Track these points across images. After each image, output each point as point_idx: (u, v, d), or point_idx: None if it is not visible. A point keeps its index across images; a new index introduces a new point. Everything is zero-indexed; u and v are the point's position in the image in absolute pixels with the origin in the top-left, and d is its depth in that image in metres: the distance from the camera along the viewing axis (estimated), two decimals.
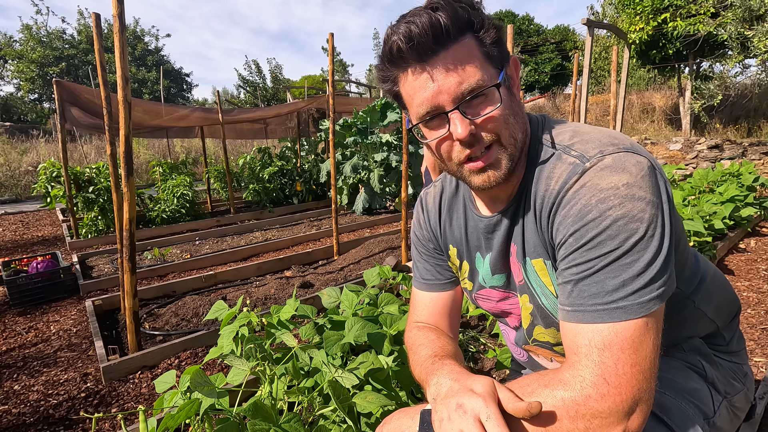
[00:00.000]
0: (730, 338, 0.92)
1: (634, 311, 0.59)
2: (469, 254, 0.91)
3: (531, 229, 0.75)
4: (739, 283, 2.98)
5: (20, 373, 2.28)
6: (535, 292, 0.80)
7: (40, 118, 21.72)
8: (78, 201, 5.32)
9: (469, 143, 0.69)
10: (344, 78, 26.35)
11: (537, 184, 0.72)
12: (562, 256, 0.67)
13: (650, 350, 0.59)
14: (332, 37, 3.53)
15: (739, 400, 0.88)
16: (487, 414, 0.57)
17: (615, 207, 0.60)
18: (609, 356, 0.58)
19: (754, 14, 7.13)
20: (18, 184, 10.21)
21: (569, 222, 0.64)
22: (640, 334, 0.59)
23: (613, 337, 0.59)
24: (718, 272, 0.93)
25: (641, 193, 0.60)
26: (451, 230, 0.93)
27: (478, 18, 0.66)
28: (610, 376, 0.57)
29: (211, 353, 1.45)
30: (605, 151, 0.64)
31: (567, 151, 0.69)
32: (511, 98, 0.70)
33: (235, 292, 3.29)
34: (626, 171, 0.62)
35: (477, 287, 0.93)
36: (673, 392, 0.79)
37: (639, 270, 0.59)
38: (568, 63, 19.65)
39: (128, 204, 2.09)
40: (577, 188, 0.64)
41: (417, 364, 0.84)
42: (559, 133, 0.73)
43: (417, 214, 1.02)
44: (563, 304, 0.66)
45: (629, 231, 0.60)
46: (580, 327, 0.62)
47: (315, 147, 8.19)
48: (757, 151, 6.94)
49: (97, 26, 2.55)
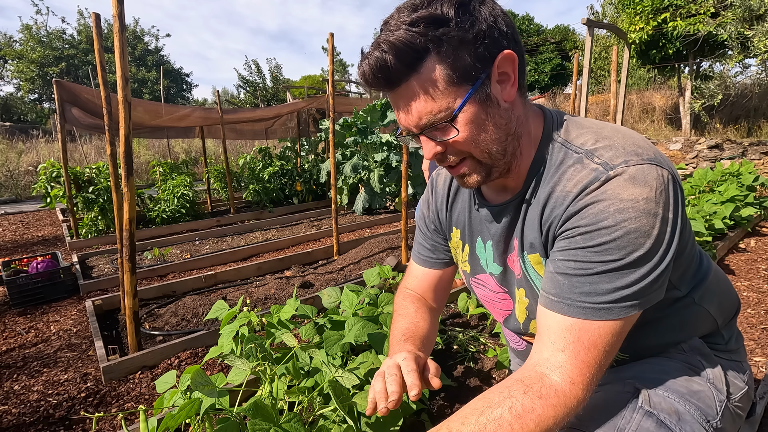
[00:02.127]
0: (729, 337, 0.92)
1: (615, 313, 0.64)
2: (471, 238, 0.93)
3: (532, 225, 0.76)
4: (739, 283, 2.98)
5: (20, 373, 2.28)
6: (534, 285, 0.80)
7: (40, 118, 21.72)
8: (78, 201, 5.32)
9: (440, 160, 0.74)
10: (344, 78, 26.35)
11: (550, 183, 0.71)
12: (563, 247, 0.68)
13: (615, 346, 0.67)
14: (332, 37, 3.53)
15: (741, 399, 0.88)
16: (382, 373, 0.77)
17: (631, 220, 0.62)
18: (581, 348, 0.65)
19: (754, 14, 7.13)
20: (18, 184, 10.21)
21: (583, 222, 0.65)
22: (614, 333, 0.65)
23: (591, 332, 0.65)
24: (719, 269, 0.93)
25: (657, 209, 0.62)
26: (457, 212, 0.96)
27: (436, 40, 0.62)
28: (584, 366, 0.65)
29: (211, 353, 1.45)
30: (630, 161, 0.64)
31: (590, 156, 0.68)
32: (487, 110, 0.67)
33: (235, 292, 3.29)
34: (647, 185, 0.63)
35: (476, 271, 0.95)
36: (676, 395, 0.78)
37: (633, 281, 0.64)
38: (568, 63, 19.64)
39: (128, 204, 2.09)
40: (598, 194, 0.64)
41: (391, 331, 0.98)
42: (580, 135, 0.72)
43: (426, 193, 1.06)
44: (548, 292, 0.69)
45: (637, 245, 0.62)
46: (560, 317, 0.67)
47: (315, 147, 8.19)
48: (757, 150, 6.93)
49: (97, 26, 2.55)
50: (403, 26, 0.62)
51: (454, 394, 1.82)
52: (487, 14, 0.65)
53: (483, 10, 0.64)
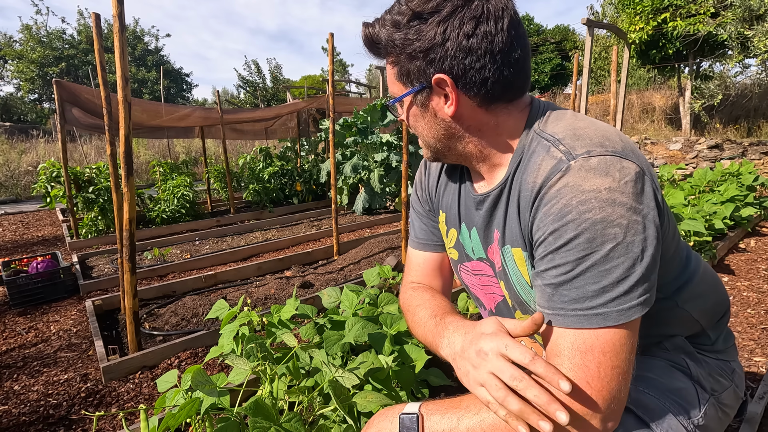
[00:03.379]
0: (717, 337, 0.91)
1: (614, 318, 0.60)
2: (458, 223, 0.92)
3: (513, 218, 0.75)
4: (739, 282, 2.98)
5: (20, 373, 2.28)
6: (511, 279, 0.80)
7: (40, 118, 21.72)
8: (78, 201, 5.32)
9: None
10: (344, 78, 26.35)
11: (523, 173, 0.72)
12: (541, 254, 0.67)
13: (629, 352, 0.62)
14: (332, 37, 3.53)
15: (727, 396, 0.87)
16: (505, 344, 0.61)
17: (594, 210, 0.60)
18: (591, 359, 0.60)
19: (754, 14, 7.13)
20: (18, 184, 10.20)
21: (549, 220, 0.64)
22: (620, 339, 0.61)
23: (594, 341, 0.61)
24: (708, 271, 0.91)
25: (622, 198, 0.60)
26: (445, 195, 0.95)
27: (391, 42, 0.72)
28: (593, 379, 0.60)
29: (211, 353, 1.45)
30: (593, 151, 0.64)
31: (556, 144, 0.68)
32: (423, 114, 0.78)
33: (236, 292, 3.29)
34: (609, 175, 0.61)
35: (463, 258, 0.94)
36: (657, 392, 0.78)
37: (618, 277, 0.60)
38: (568, 63, 19.64)
39: (128, 204, 2.09)
40: (560, 186, 0.64)
41: (418, 325, 0.89)
42: (556, 124, 0.73)
43: (419, 174, 1.06)
44: (543, 306, 0.67)
45: (606, 236, 0.60)
46: (561, 330, 0.64)
47: (315, 147, 8.19)
48: (757, 150, 6.94)
49: (97, 26, 2.55)
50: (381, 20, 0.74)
51: (453, 394, 1.82)
52: (435, 34, 0.67)
53: (430, 31, 0.68)
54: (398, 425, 0.69)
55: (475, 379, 0.63)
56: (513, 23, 0.68)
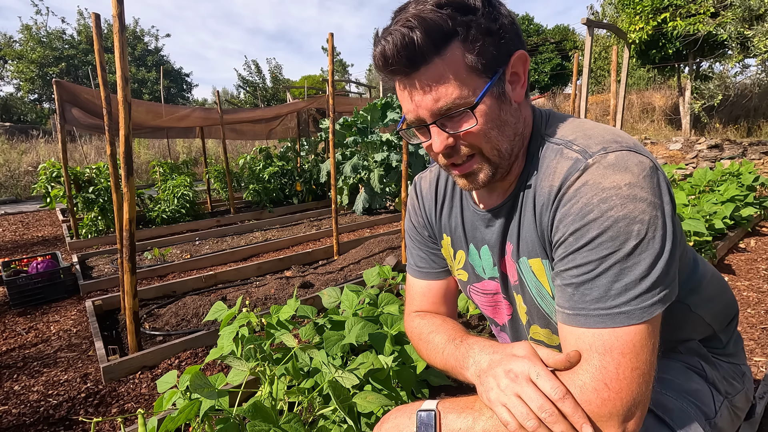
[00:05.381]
0: (728, 341, 0.91)
1: (637, 316, 0.59)
2: (465, 244, 0.89)
3: (529, 227, 0.74)
4: (739, 282, 2.98)
5: (20, 373, 2.28)
6: (531, 292, 0.78)
7: (40, 118, 21.72)
8: (78, 201, 5.32)
9: (448, 155, 0.71)
10: (344, 78, 26.35)
11: (537, 179, 0.71)
12: (561, 255, 0.65)
13: (650, 353, 0.59)
14: (332, 37, 3.53)
15: (740, 399, 0.88)
16: (537, 372, 0.59)
17: (617, 207, 0.59)
18: (610, 361, 0.58)
19: (754, 14, 7.13)
20: (18, 184, 10.21)
21: (569, 220, 0.63)
22: (641, 338, 0.59)
23: (614, 341, 0.59)
24: (716, 275, 0.91)
25: (643, 194, 0.59)
26: (448, 218, 0.92)
27: (464, 25, 0.62)
28: (612, 380, 0.58)
29: (211, 354, 1.45)
30: (608, 148, 0.63)
31: (569, 145, 0.67)
32: (501, 106, 0.67)
33: (235, 292, 3.29)
34: (629, 170, 0.60)
35: (474, 279, 0.91)
36: (674, 393, 0.79)
37: (641, 274, 0.59)
38: (568, 63, 19.63)
39: (128, 204, 2.09)
40: (579, 185, 0.62)
41: (436, 352, 0.83)
42: (562, 128, 0.72)
43: (411, 199, 1.00)
44: (563, 306, 0.65)
45: (629, 233, 0.58)
46: (581, 331, 0.62)
47: (315, 147, 8.19)
48: (757, 150, 6.93)
49: (96, 26, 2.55)
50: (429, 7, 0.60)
51: (453, 394, 1.82)
52: (507, 12, 0.66)
53: (503, 8, 0.66)
54: (416, 421, 0.68)
55: (498, 397, 0.61)
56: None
